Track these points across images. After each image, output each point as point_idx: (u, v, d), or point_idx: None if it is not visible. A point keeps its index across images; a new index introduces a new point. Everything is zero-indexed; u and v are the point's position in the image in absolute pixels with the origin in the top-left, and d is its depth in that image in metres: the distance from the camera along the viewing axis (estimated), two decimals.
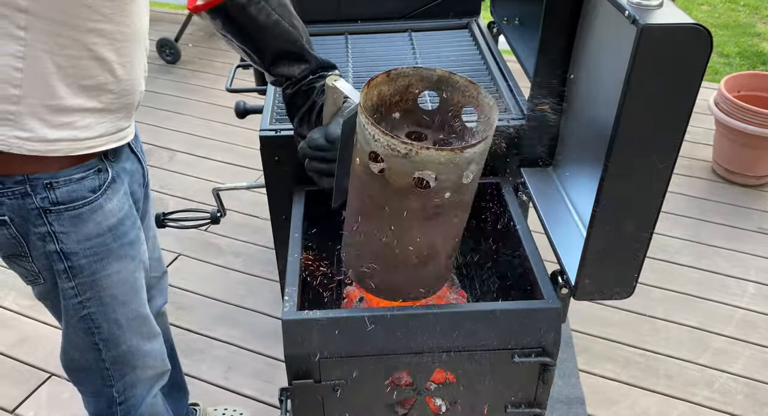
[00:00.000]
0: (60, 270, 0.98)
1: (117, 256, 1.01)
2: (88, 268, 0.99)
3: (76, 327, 1.05)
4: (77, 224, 0.95)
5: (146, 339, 1.13)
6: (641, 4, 0.76)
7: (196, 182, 2.67)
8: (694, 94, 0.76)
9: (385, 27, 1.68)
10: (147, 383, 1.18)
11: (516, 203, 1.19)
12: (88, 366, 1.11)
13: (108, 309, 1.04)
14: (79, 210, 0.94)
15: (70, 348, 1.11)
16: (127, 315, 1.07)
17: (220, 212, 1.27)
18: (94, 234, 0.97)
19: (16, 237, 0.95)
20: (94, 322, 1.04)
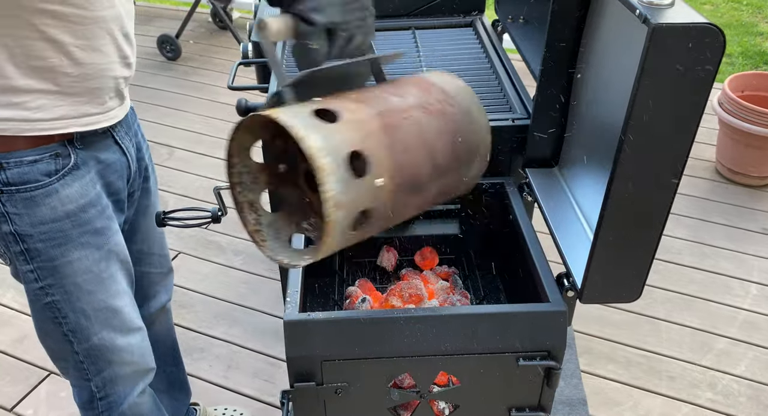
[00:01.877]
0: (17, 252, 0.98)
1: (77, 243, 1.00)
2: (45, 253, 0.98)
3: (42, 314, 1.06)
4: (30, 207, 0.95)
5: (120, 333, 1.11)
6: (652, 3, 0.75)
7: (196, 180, 2.65)
8: (705, 94, 0.75)
9: (389, 24, 1.66)
10: (128, 380, 1.17)
11: (521, 203, 1.18)
12: (63, 357, 1.12)
13: (72, 298, 1.03)
14: (31, 193, 0.94)
15: (43, 336, 1.11)
16: (93, 305, 1.06)
17: (221, 211, 1.24)
18: (49, 219, 0.97)
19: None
20: (60, 311, 1.04)
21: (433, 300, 1.19)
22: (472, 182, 0.90)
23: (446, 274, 1.29)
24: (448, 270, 1.30)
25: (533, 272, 1.05)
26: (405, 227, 1.32)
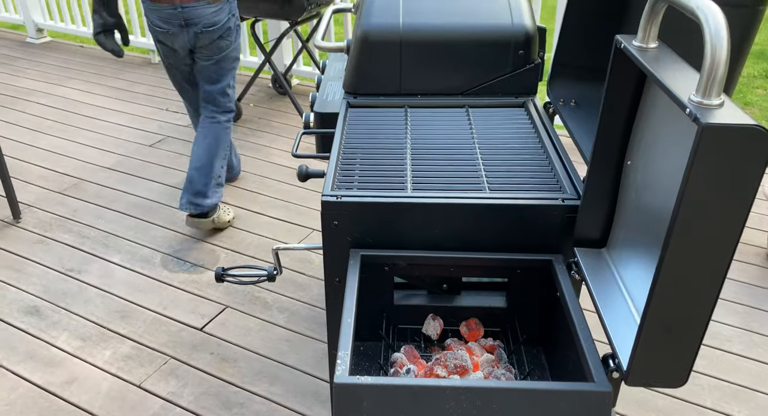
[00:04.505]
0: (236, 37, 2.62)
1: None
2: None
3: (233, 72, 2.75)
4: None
5: None
6: (702, 103, 0.80)
7: (248, 236, 2.75)
8: (753, 191, 0.78)
9: (444, 102, 1.75)
10: None
11: (569, 281, 1.21)
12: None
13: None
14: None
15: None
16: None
17: (276, 270, 1.31)
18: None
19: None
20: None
21: (478, 372, 1.21)
22: None
23: (491, 347, 1.31)
24: (493, 343, 1.32)
25: (579, 350, 1.07)
26: (452, 297, 1.36)
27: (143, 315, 2.31)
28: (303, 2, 3.32)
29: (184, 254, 2.64)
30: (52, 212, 2.94)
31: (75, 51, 5.12)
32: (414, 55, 1.70)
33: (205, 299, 2.39)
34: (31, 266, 2.57)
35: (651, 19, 0.99)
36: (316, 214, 2.90)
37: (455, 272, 1.32)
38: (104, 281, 2.48)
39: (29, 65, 4.79)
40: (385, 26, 1.69)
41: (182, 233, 2.77)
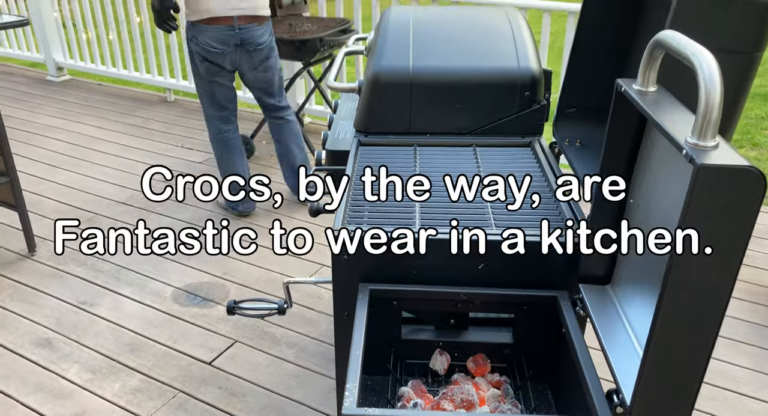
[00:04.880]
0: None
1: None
2: None
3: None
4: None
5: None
6: (698, 144, 0.83)
7: (257, 271, 2.78)
8: (749, 229, 0.81)
9: (452, 141, 1.79)
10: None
11: (574, 318, 1.23)
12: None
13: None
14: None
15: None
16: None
17: (287, 304, 1.34)
18: None
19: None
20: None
21: (484, 407, 1.22)
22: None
23: (498, 382, 1.32)
24: (499, 378, 1.33)
25: (583, 386, 1.08)
26: (459, 332, 1.38)
27: (153, 349, 2.33)
28: (316, 44, 3.42)
29: (194, 289, 2.67)
30: (67, 245, 2.99)
31: (93, 89, 5.26)
32: (423, 96, 1.75)
33: (214, 333, 2.41)
34: (44, 299, 2.61)
35: (650, 65, 1.04)
36: (324, 248, 2.93)
37: (462, 308, 1.34)
38: (115, 314, 2.51)
39: (48, 102, 4.92)
40: (395, 69, 1.76)
41: (193, 268, 2.81)
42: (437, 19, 1.96)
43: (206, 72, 2.80)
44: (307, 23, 3.71)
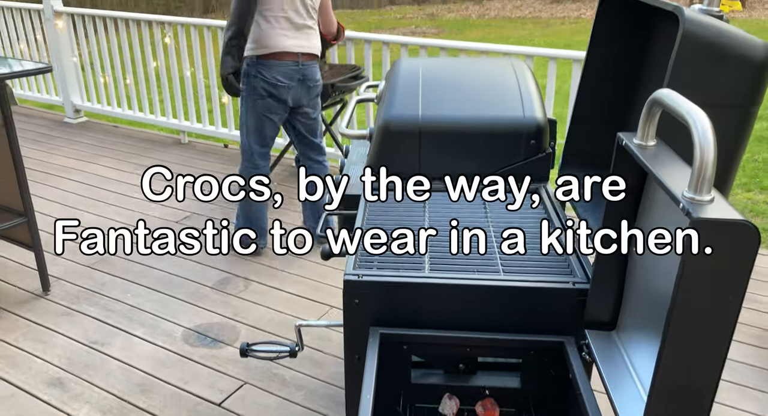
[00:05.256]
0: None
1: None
2: None
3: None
4: None
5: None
6: (694, 198, 0.88)
7: (267, 312, 2.81)
8: (745, 279, 0.85)
9: None
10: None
11: (580, 363, 1.25)
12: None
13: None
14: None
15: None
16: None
17: (298, 346, 1.37)
18: None
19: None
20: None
21: None
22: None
23: None
24: None
25: None
26: (468, 377, 1.40)
27: (163, 389, 2.35)
28: (328, 90, 3.53)
29: (205, 329, 2.70)
30: (80, 285, 3.04)
31: (109, 130, 5.39)
32: (432, 144, 1.82)
33: (224, 374, 2.43)
34: (57, 338, 2.64)
35: (648, 121, 1.09)
36: (334, 291, 2.96)
37: (471, 352, 1.37)
38: (126, 354, 2.54)
39: (65, 144, 5.04)
40: (405, 117, 1.82)
41: (204, 308, 2.84)
42: (445, 70, 2.04)
43: (263, 107, 2.93)
44: (320, 69, 3.82)
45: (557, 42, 11.83)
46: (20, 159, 2.75)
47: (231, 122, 4.73)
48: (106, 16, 5.10)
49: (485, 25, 14.96)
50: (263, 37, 2.83)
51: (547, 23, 14.97)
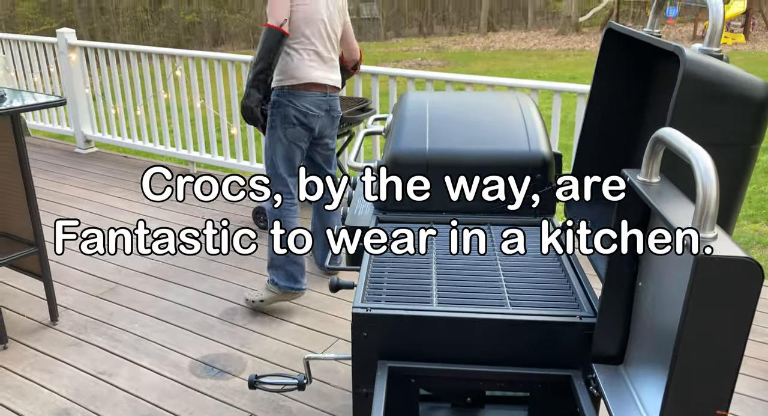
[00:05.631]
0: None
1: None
2: None
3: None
4: None
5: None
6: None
7: (274, 343, 2.81)
8: (749, 316, 0.86)
9: (467, 219, 1.87)
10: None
11: (587, 397, 1.26)
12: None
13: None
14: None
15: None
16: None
17: (306, 380, 1.38)
18: None
19: None
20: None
21: None
22: None
23: None
24: None
25: None
26: (476, 410, 1.40)
27: None
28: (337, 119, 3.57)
29: (211, 360, 2.70)
30: (89, 315, 3.05)
31: (119, 161, 5.46)
32: (439, 177, 1.84)
33: (231, 405, 2.42)
34: (64, 368, 2.64)
35: (652, 158, 1.12)
36: (341, 322, 2.96)
37: (478, 386, 1.37)
38: (133, 385, 2.54)
39: (74, 173, 5.11)
40: (412, 151, 1.86)
41: (211, 339, 2.85)
42: (452, 104, 2.08)
43: (293, 136, 2.96)
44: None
45: (562, 74, 11.96)
46: (33, 190, 2.79)
47: (240, 153, 4.79)
48: (119, 49, 5.21)
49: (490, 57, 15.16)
50: (293, 68, 2.89)
51: (552, 55, 15.16)
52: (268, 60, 2.75)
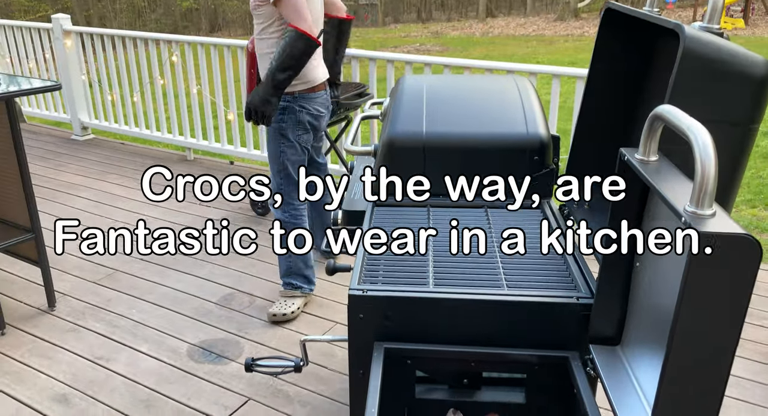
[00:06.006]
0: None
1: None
2: None
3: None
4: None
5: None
6: (696, 213, 0.89)
7: (271, 329, 2.81)
8: (747, 292, 0.85)
9: (464, 202, 1.86)
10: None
11: (585, 378, 1.25)
12: None
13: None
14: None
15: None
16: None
17: (303, 362, 1.38)
18: None
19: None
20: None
21: None
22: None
23: None
24: None
25: None
26: (472, 392, 1.40)
27: (167, 405, 2.34)
28: (333, 107, 3.55)
29: (209, 345, 2.70)
30: (86, 301, 3.05)
31: (116, 147, 5.43)
32: (436, 160, 1.83)
33: (228, 390, 2.42)
34: (62, 354, 2.64)
35: (650, 136, 1.10)
36: (338, 307, 2.96)
37: (475, 367, 1.37)
38: (131, 370, 2.54)
39: (72, 160, 5.08)
40: (409, 134, 1.84)
41: (209, 324, 2.85)
42: (449, 87, 2.06)
43: (306, 141, 2.81)
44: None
45: (561, 59, 11.90)
46: (28, 176, 2.78)
47: (237, 139, 4.77)
48: (114, 34, 5.17)
49: (489, 43, 15.08)
50: (306, 72, 2.71)
51: (551, 41, 15.08)
52: (298, 69, 2.52)
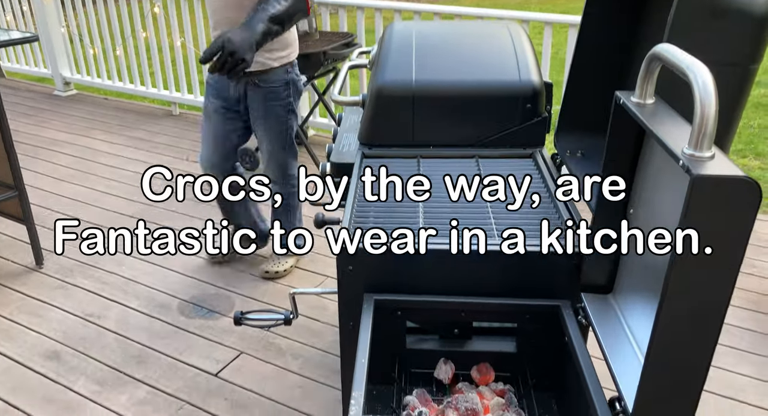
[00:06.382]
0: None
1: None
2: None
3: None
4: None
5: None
6: (694, 155, 0.85)
7: (262, 283, 2.80)
8: (745, 236, 0.83)
9: (454, 153, 1.82)
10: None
11: (576, 327, 1.24)
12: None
13: None
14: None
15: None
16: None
17: (293, 314, 1.36)
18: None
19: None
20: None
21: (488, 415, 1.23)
22: None
23: (502, 391, 1.33)
24: (503, 387, 1.34)
25: (586, 394, 1.09)
26: (463, 342, 1.39)
27: (159, 360, 2.35)
28: (320, 58, 3.46)
29: (200, 300, 2.69)
30: (74, 258, 3.02)
31: (99, 103, 5.31)
32: (426, 109, 1.78)
33: (220, 344, 2.43)
34: (52, 311, 2.63)
35: (647, 78, 1.06)
36: (329, 261, 2.95)
37: (466, 317, 1.35)
38: (122, 326, 2.53)
39: (55, 117, 4.97)
40: (398, 82, 1.78)
41: (199, 280, 2.83)
42: (439, 34, 2.00)
43: (298, 109, 2.69)
44: (311, 37, 3.75)
45: (554, 9, 11.67)
46: (8, 132, 2.70)
47: None
48: None
49: None
50: (293, 39, 2.58)
51: None
52: (285, 29, 2.33)
